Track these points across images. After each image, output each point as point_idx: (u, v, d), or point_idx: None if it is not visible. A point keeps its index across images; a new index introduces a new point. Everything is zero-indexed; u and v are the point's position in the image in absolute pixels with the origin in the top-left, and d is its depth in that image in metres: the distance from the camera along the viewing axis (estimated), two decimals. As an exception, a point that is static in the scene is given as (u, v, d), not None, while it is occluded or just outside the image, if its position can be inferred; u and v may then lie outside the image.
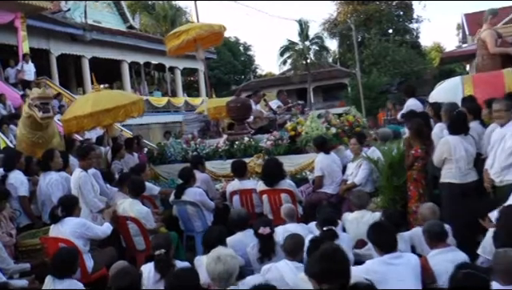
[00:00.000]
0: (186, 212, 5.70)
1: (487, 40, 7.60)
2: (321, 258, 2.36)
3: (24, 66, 13.01)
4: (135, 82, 24.26)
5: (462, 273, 2.68)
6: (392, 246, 3.47)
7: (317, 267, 2.37)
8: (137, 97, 8.09)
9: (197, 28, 9.01)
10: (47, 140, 5.98)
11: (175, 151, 8.00)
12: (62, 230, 4.57)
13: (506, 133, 4.61)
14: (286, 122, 8.08)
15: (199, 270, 3.64)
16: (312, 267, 2.50)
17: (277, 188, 5.68)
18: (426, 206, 4.52)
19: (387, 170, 5.64)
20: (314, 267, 2.42)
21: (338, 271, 2.31)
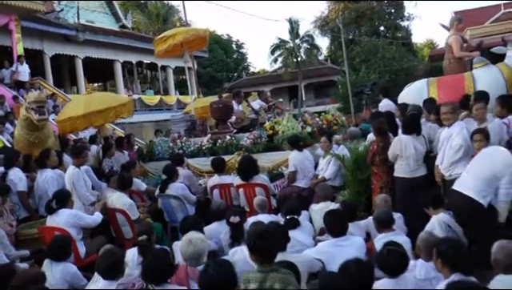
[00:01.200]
0: (170, 205, 6.28)
1: (453, 45, 8.21)
2: (248, 235, 2.98)
3: (19, 67, 13.51)
4: (128, 81, 24.76)
5: (385, 249, 3.28)
6: (341, 231, 4.06)
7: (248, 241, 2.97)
8: (127, 99, 8.65)
9: (183, 33, 9.56)
10: (43, 140, 6.54)
11: (162, 149, 8.56)
12: (56, 220, 5.15)
13: (453, 132, 5.19)
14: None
15: (176, 253, 4.23)
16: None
17: (251, 182, 6.27)
18: (380, 197, 5.14)
19: (352, 165, 6.23)
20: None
21: (260, 246, 2.88)
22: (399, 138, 5.41)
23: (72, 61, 19.58)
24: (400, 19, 46.99)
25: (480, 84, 7.22)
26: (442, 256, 3.07)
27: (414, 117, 5.61)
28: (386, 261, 3.23)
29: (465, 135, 5.00)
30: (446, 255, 3.03)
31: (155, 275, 3.09)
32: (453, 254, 3.01)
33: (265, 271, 2.79)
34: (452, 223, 4.47)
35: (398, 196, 5.56)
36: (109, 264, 3.46)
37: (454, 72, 8.12)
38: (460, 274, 2.97)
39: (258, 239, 2.87)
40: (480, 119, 5.50)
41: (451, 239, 3.33)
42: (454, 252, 3.02)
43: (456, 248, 3.06)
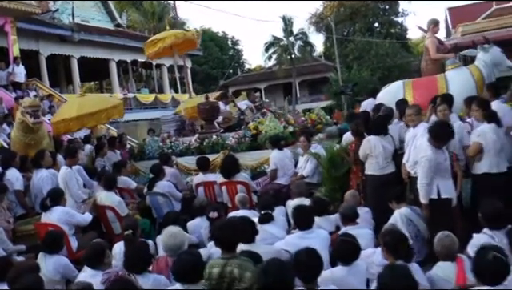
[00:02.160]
0: (157, 202, 6.71)
1: (429, 47, 8.61)
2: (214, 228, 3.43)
3: (15, 68, 13.87)
4: (123, 80, 25.09)
5: (339, 239, 3.71)
6: (307, 224, 4.48)
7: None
8: (117, 101, 9.05)
9: (172, 36, 9.96)
10: (38, 141, 6.96)
11: (153, 149, 8.96)
12: (50, 217, 5.58)
13: (417, 133, 5.61)
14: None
15: (160, 246, 4.65)
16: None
17: (233, 180, 6.69)
18: (348, 192, 5.56)
19: (328, 164, 6.65)
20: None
21: (219, 237, 3.31)
22: (368, 138, 5.81)
23: (67, 61, 19.89)
24: (394, 15, 47.39)
25: (452, 85, 7.62)
26: (386, 245, 3.50)
27: (381, 118, 6.01)
28: (339, 250, 3.66)
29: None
30: (389, 244, 3.47)
31: (135, 264, 3.51)
32: (394, 243, 3.44)
33: (226, 258, 3.23)
34: (413, 216, 4.90)
35: (368, 193, 5.99)
36: (94, 255, 3.87)
37: (430, 73, 8.51)
38: (401, 260, 3.40)
39: (217, 230, 3.30)
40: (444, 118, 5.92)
41: (394, 231, 3.75)
42: (395, 242, 3.45)
43: (397, 238, 3.49)
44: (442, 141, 4.73)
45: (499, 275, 2.79)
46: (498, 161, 5.11)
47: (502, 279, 2.79)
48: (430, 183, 4.73)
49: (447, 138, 4.79)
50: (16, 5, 13.70)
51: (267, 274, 2.68)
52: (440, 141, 4.69)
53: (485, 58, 7.76)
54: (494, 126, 5.12)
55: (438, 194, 4.77)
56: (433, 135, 4.69)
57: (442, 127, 4.79)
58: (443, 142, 4.75)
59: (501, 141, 5.14)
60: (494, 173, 5.08)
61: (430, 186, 4.76)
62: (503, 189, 5.00)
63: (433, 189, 4.82)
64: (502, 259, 2.80)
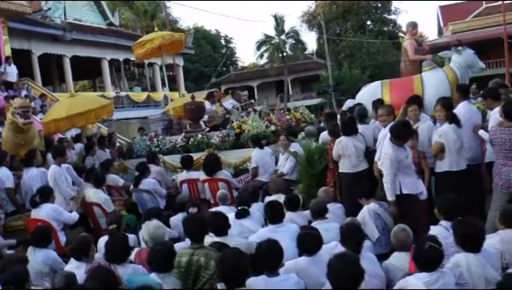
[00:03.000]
0: (143, 198, 7.03)
1: (408, 48, 8.92)
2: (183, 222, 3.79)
3: (7, 68, 14.09)
4: (116, 79, 25.33)
5: (303, 232, 4.04)
6: (278, 218, 4.80)
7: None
8: (106, 101, 9.35)
9: (160, 37, 10.25)
10: (28, 141, 7.25)
11: (141, 147, 9.29)
12: (39, 213, 5.88)
13: (388, 132, 5.95)
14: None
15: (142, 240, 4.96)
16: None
17: (215, 177, 7.03)
18: (321, 189, 5.89)
19: (304, 162, 6.98)
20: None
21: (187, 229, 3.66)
22: (340, 139, 6.12)
23: (60, 60, 20.16)
24: (387, 13, 47.78)
25: (427, 86, 7.90)
26: (342, 237, 3.85)
27: (351, 120, 6.32)
28: (303, 242, 3.98)
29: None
30: (344, 235, 3.81)
31: (115, 255, 3.82)
32: (349, 235, 3.79)
33: (194, 248, 3.57)
34: (381, 211, 5.21)
35: (343, 189, 6.34)
36: (79, 248, 4.19)
37: (409, 74, 8.78)
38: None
39: (186, 223, 3.65)
40: (414, 120, 6.26)
41: (350, 224, 4.08)
42: (350, 234, 3.79)
43: (351, 230, 3.83)
44: (402, 139, 5.02)
45: (434, 262, 3.13)
46: (458, 159, 5.42)
47: (436, 266, 3.12)
48: (394, 181, 5.04)
49: (406, 137, 5.09)
50: (7, 5, 13.94)
51: (224, 262, 3.00)
52: (399, 139, 4.98)
53: (458, 60, 8.02)
54: (454, 126, 5.43)
55: (400, 190, 5.09)
56: (393, 134, 5.01)
57: (401, 127, 5.11)
58: (403, 141, 5.05)
59: (460, 140, 5.45)
60: (454, 171, 5.40)
61: (394, 183, 5.08)
62: (463, 185, 5.33)
63: (396, 185, 5.14)
64: (436, 249, 3.14)
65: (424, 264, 3.14)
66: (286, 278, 3.46)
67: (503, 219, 3.98)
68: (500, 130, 5.09)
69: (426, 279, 3.06)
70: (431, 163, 5.78)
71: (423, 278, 3.07)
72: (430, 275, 3.08)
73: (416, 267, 3.21)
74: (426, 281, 3.04)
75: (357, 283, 2.91)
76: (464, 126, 5.78)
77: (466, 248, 3.48)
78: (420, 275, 3.11)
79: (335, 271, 2.96)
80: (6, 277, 3.67)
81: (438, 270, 3.13)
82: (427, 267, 3.12)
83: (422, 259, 3.16)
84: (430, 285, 3.01)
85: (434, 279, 3.07)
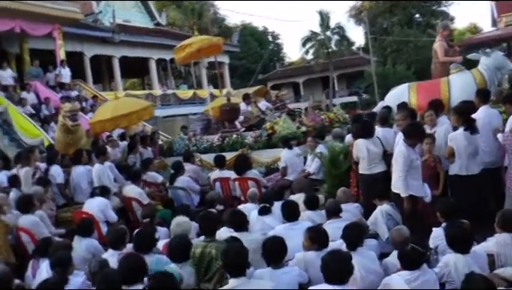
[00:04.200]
0: (178, 195, 7.63)
1: (438, 50, 9.00)
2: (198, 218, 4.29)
3: (61, 70, 15.22)
4: (163, 77, 26.30)
5: (309, 228, 4.44)
6: (293, 217, 5.22)
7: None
8: (147, 103, 10.03)
9: (198, 42, 10.85)
10: (77, 141, 8.03)
11: (180, 146, 9.92)
12: (92, 203, 6.56)
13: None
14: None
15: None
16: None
17: (245, 177, 7.52)
18: (340, 189, 6.25)
19: (329, 162, 7.34)
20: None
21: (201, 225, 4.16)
22: (357, 142, 6.42)
23: (109, 60, 21.25)
24: (437, 5, 46.55)
25: (454, 88, 8.03)
26: (343, 235, 4.24)
27: (366, 124, 6.56)
28: (311, 239, 4.38)
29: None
30: (344, 234, 4.19)
31: (141, 246, 4.35)
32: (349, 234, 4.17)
33: (207, 241, 4.08)
34: (393, 212, 5.51)
35: (361, 189, 6.66)
36: (115, 238, 4.79)
37: (439, 76, 8.84)
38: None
39: (199, 219, 4.17)
40: (430, 125, 6.49)
41: (352, 224, 4.43)
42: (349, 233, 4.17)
43: (351, 229, 4.21)
44: (413, 139, 5.27)
45: (414, 262, 3.48)
46: (468, 164, 5.60)
47: (416, 265, 3.47)
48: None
49: (417, 137, 5.35)
50: (62, 13, 15.00)
51: (227, 254, 3.47)
52: (410, 139, 5.25)
53: (487, 62, 8.07)
54: (467, 132, 5.61)
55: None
56: (405, 134, 5.30)
57: (412, 127, 5.40)
58: (414, 140, 5.30)
59: (473, 146, 5.62)
60: (463, 175, 5.61)
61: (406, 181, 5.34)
62: (475, 189, 5.53)
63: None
64: (417, 250, 3.48)
65: (406, 263, 3.49)
66: (289, 270, 3.90)
67: (500, 222, 4.23)
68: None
69: (407, 276, 3.42)
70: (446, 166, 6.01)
71: (405, 275, 3.43)
72: (412, 273, 3.43)
73: (401, 265, 3.57)
74: (407, 278, 3.40)
75: (345, 277, 3.30)
76: (483, 130, 5.95)
77: (455, 249, 3.81)
78: (402, 272, 3.47)
79: (326, 266, 3.36)
80: (53, 260, 4.33)
81: (420, 269, 3.47)
82: (409, 265, 3.47)
83: (405, 259, 3.51)
84: (410, 282, 3.37)
85: (415, 276, 3.42)
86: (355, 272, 3.94)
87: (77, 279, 4.28)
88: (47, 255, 4.77)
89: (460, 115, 5.79)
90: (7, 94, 13.26)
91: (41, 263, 4.97)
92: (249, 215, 5.79)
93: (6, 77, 13.99)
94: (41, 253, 5.09)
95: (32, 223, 5.96)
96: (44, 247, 5.08)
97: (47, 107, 13.28)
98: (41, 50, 16.50)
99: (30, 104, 13.19)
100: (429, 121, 6.44)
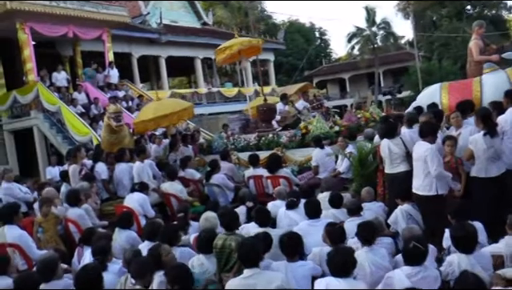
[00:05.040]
0: (213, 192, 8.07)
1: (472, 49, 8.96)
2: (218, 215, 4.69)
3: (110, 71, 16.09)
4: (208, 75, 26.98)
5: (330, 226, 4.72)
6: (315, 214, 5.51)
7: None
8: (188, 104, 10.52)
9: (238, 44, 11.20)
10: (120, 140, 8.64)
11: (218, 145, 10.36)
12: (133, 197, 7.10)
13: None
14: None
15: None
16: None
17: (277, 175, 7.85)
18: (364, 189, 6.49)
19: (357, 162, 7.55)
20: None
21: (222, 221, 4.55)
22: (381, 142, 6.63)
23: (156, 60, 22.10)
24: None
25: (487, 88, 7.99)
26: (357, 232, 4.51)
27: (389, 124, 6.70)
28: (328, 234, 4.67)
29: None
30: (358, 231, 4.46)
31: (166, 239, 4.78)
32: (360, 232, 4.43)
33: (227, 235, 4.48)
34: (413, 212, 5.70)
35: (387, 188, 6.84)
36: (149, 231, 5.27)
37: (473, 75, 8.72)
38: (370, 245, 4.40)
39: (219, 216, 4.55)
40: (456, 126, 6.60)
41: (364, 223, 4.67)
42: (361, 231, 4.43)
43: (362, 227, 4.47)
44: (426, 136, 5.49)
45: (416, 259, 3.72)
46: (487, 167, 5.66)
47: (418, 261, 3.70)
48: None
49: (429, 134, 5.53)
50: (111, 17, 15.87)
51: (242, 247, 3.83)
52: (424, 136, 5.48)
53: (522, 62, 8.07)
54: (487, 136, 5.66)
55: (436, 190, 5.53)
56: (420, 133, 5.55)
57: (427, 126, 5.63)
58: (429, 139, 5.48)
59: (494, 149, 5.64)
60: (481, 177, 5.69)
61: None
62: (493, 192, 5.61)
63: (432, 186, 5.56)
64: (419, 248, 3.71)
65: (408, 259, 3.74)
66: (303, 264, 4.23)
67: (510, 224, 4.39)
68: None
69: (408, 271, 3.67)
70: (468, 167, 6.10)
71: (406, 270, 3.68)
72: (413, 268, 3.68)
73: (404, 261, 3.82)
74: (408, 273, 3.65)
75: (349, 270, 3.60)
76: (510, 132, 6.02)
77: (459, 249, 4.01)
78: (404, 268, 3.73)
79: (330, 260, 3.67)
80: (94, 249, 4.85)
81: (422, 265, 3.71)
82: (410, 262, 3.73)
83: (406, 256, 3.76)
84: (411, 277, 3.62)
85: (415, 272, 3.66)
86: (365, 267, 4.26)
87: (115, 266, 4.78)
88: (90, 244, 5.30)
89: (481, 118, 5.87)
90: (60, 95, 14.18)
91: (85, 251, 5.53)
92: (277, 212, 6.23)
93: (60, 79, 15.00)
94: (85, 242, 5.65)
95: (78, 216, 6.55)
96: (88, 236, 5.64)
97: (96, 107, 14.13)
98: (91, 52, 17.49)
99: (80, 104, 14.10)
100: (454, 122, 6.55)
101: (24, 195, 8.26)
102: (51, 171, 11.79)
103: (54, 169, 11.67)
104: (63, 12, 14.46)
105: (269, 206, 6.70)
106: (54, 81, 14.92)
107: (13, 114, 15.41)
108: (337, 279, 3.57)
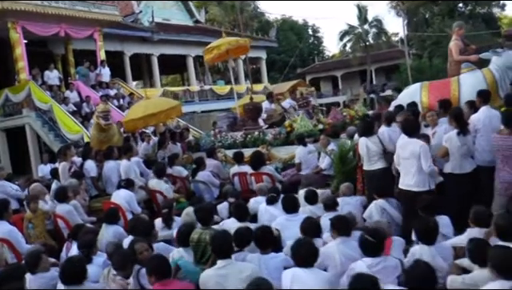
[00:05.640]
0: (199, 188, 8.32)
1: (452, 49, 9.21)
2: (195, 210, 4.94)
3: (102, 70, 16.30)
4: (200, 73, 27.18)
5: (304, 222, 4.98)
6: (293, 209, 5.77)
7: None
8: (175, 103, 10.79)
9: (226, 43, 11.47)
10: (109, 139, 8.87)
11: (206, 142, 10.62)
12: (120, 194, 7.30)
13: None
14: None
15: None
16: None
17: (260, 172, 8.11)
18: (344, 184, 6.75)
19: (338, 159, 7.82)
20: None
21: (197, 216, 4.81)
22: (359, 139, 6.90)
23: (149, 58, 22.33)
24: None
25: (464, 88, 8.25)
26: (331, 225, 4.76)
27: (365, 123, 6.98)
28: (304, 229, 4.92)
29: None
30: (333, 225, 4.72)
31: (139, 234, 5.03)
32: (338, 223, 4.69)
33: (203, 229, 4.73)
34: (387, 206, 6.00)
35: (366, 184, 7.11)
36: (132, 226, 5.51)
37: (453, 74, 9.01)
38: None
39: (196, 211, 4.81)
40: (432, 125, 6.87)
41: (336, 217, 4.92)
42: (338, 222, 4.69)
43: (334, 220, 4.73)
44: (414, 133, 5.81)
45: (373, 250, 3.97)
46: (462, 163, 5.96)
47: (375, 253, 3.96)
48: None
49: (417, 130, 5.92)
50: (103, 16, 16.07)
51: (214, 240, 4.09)
52: (411, 133, 5.80)
53: (498, 62, 8.21)
54: (461, 135, 5.93)
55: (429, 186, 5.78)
56: (403, 130, 5.89)
57: (409, 123, 5.96)
58: (414, 135, 5.81)
59: (467, 146, 5.95)
60: (456, 173, 5.96)
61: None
62: (466, 187, 5.89)
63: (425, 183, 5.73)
64: (370, 240, 3.97)
65: (366, 251, 4.01)
66: (275, 256, 4.48)
67: (472, 218, 4.66)
68: (499, 137, 5.63)
69: (369, 262, 3.93)
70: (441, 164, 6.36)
71: (367, 261, 3.94)
72: (373, 259, 3.94)
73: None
74: (369, 264, 3.91)
75: (311, 261, 3.87)
76: (484, 130, 6.29)
77: (421, 241, 4.29)
78: (365, 259, 3.99)
79: (293, 251, 3.95)
80: (80, 243, 5.11)
81: (381, 256, 3.98)
82: (366, 253, 3.99)
83: (363, 247, 4.03)
84: (371, 267, 3.87)
85: (376, 262, 3.91)
86: (336, 258, 4.52)
87: (99, 258, 5.03)
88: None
89: (454, 118, 6.14)
90: (52, 94, 14.39)
91: (73, 245, 5.76)
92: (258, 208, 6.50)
93: (52, 77, 15.21)
94: (74, 237, 5.86)
95: (67, 212, 6.79)
96: (76, 232, 5.86)
97: (88, 105, 14.34)
98: (84, 50, 17.68)
99: (72, 102, 14.31)
100: (430, 121, 6.81)
101: (15, 192, 8.48)
102: (43, 168, 11.99)
103: (46, 167, 11.87)
104: (55, 11, 14.67)
105: (251, 202, 6.99)
106: (46, 79, 15.14)
107: (5, 113, 15.63)
108: (302, 269, 3.83)
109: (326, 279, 3.84)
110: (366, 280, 3.17)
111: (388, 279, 3.77)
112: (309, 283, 3.74)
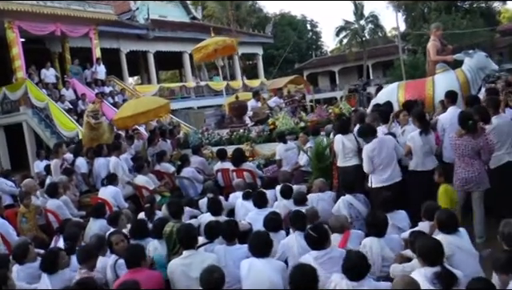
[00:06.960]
0: (184, 184, 8.75)
1: (430, 49, 9.60)
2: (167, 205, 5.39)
3: (97, 68, 16.72)
4: (196, 70, 27.52)
5: (269, 216, 5.41)
6: (262, 204, 6.19)
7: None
8: (164, 101, 11.20)
9: (213, 43, 11.90)
10: (100, 136, 9.36)
11: (194, 139, 11.02)
12: (106, 191, 7.78)
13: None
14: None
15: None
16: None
17: (241, 168, 8.52)
18: (318, 180, 7.15)
19: (314, 156, 8.22)
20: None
21: (169, 210, 5.26)
22: (335, 137, 7.30)
23: (145, 55, 22.68)
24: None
25: (438, 87, 8.64)
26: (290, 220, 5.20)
27: (342, 121, 7.39)
28: (268, 221, 5.35)
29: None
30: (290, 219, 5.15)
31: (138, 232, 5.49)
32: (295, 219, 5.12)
33: (174, 222, 5.18)
34: (354, 201, 6.37)
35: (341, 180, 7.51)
36: (112, 219, 5.96)
37: (431, 74, 9.43)
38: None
39: (168, 206, 5.26)
40: (403, 123, 7.26)
41: (296, 212, 5.35)
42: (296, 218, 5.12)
43: (293, 215, 5.16)
44: (367, 136, 6.39)
45: (317, 243, 4.35)
46: (424, 161, 6.37)
47: (319, 246, 4.33)
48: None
49: (372, 134, 6.39)
50: (98, 15, 16.49)
51: (179, 232, 4.54)
52: (364, 136, 6.40)
53: (470, 63, 8.64)
54: (423, 134, 6.35)
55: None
56: (359, 134, 6.41)
57: (365, 129, 6.48)
58: (368, 138, 6.37)
59: (429, 145, 6.37)
60: (418, 171, 6.38)
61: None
62: (428, 183, 6.30)
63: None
64: (312, 235, 4.38)
65: (310, 245, 4.42)
66: (239, 247, 4.89)
67: (423, 212, 5.08)
68: (455, 137, 6.04)
69: (315, 255, 4.34)
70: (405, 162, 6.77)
71: (313, 254, 4.35)
72: (319, 252, 4.33)
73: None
74: (315, 256, 4.30)
75: (265, 251, 4.29)
76: (450, 129, 6.70)
77: (372, 233, 4.72)
78: (312, 252, 4.39)
79: (250, 243, 4.39)
80: (65, 235, 5.56)
81: (326, 249, 4.38)
82: (313, 247, 4.41)
83: (308, 242, 4.45)
84: (317, 259, 4.26)
85: (322, 254, 4.30)
86: (294, 250, 4.95)
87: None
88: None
89: (416, 118, 6.56)
90: (48, 92, 14.83)
91: (60, 238, 6.21)
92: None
93: (49, 75, 15.64)
94: (62, 231, 6.32)
95: (57, 206, 7.25)
96: (64, 226, 6.33)
97: (83, 103, 14.78)
98: (81, 48, 18.08)
99: (68, 100, 14.75)
100: (402, 120, 7.21)
101: (10, 188, 8.91)
102: (39, 164, 12.39)
103: (42, 163, 12.29)
104: (51, 11, 15.09)
105: (230, 197, 7.44)
106: (42, 77, 15.57)
107: (3, 110, 16.10)
108: (258, 259, 4.26)
109: (279, 268, 4.27)
110: (305, 270, 3.57)
111: (334, 268, 4.17)
112: (264, 272, 4.18)
